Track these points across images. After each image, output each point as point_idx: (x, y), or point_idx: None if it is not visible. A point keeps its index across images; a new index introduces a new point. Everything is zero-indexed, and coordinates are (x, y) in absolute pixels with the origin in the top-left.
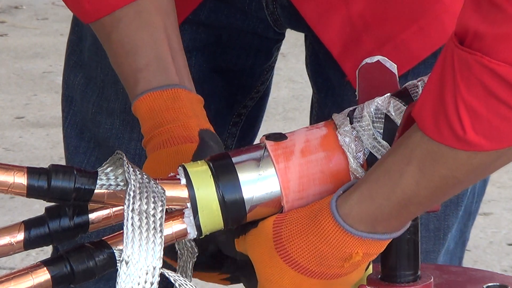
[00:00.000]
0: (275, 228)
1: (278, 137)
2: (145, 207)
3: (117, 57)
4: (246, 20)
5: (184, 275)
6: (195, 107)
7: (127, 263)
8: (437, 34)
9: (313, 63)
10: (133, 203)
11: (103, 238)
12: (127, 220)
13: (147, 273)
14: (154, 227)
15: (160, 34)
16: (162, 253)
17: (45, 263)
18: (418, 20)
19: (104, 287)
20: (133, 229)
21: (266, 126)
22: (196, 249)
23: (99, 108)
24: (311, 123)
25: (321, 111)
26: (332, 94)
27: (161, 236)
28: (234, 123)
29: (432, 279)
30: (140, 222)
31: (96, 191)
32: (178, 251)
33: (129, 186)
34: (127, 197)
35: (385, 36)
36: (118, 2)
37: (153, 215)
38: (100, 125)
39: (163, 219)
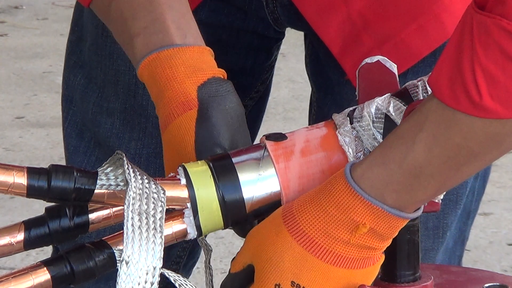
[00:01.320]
0: (287, 204)
1: (278, 137)
2: (145, 207)
3: (118, 26)
4: (246, 20)
5: (208, 275)
6: (195, 62)
7: (127, 263)
8: (436, 33)
9: (313, 62)
10: (133, 203)
11: (103, 238)
12: (127, 220)
13: (147, 273)
14: (154, 227)
15: None
16: (162, 253)
17: (45, 263)
18: (417, 18)
19: (104, 286)
20: (133, 229)
21: (266, 126)
22: (211, 247)
23: (99, 108)
24: (310, 123)
25: (320, 110)
26: (331, 93)
27: (161, 236)
28: None
29: (432, 279)
30: (140, 222)
31: (96, 191)
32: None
33: (129, 186)
34: (127, 198)
35: (385, 34)
36: None
37: (153, 215)
38: (100, 125)
39: (163, 219)
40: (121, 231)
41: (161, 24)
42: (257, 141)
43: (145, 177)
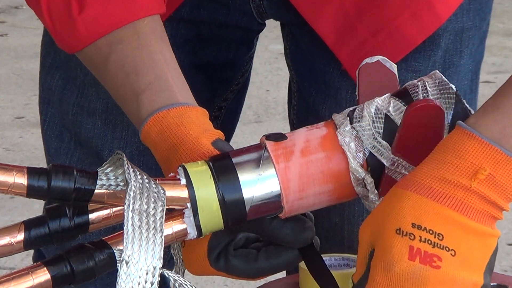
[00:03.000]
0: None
1: (278, 137)
2: (145, 207)
3: (117, 80)
4: (229, 15)
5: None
6: (201, 121)
7: (127, 263)
8: (429, 20)
9: (294, 52)
10: (133, 203)
11: (103, 238)
12: (127, 220)
13: (147, 273)
14: (154, 227)
15: (157, 55)
16: (162, 253)
17: (45, 263)
18: (410, 6)
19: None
20: (133, 229)
21: (266, 126)
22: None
23: (79, 109)
24: (290, 114)
25: (303, 101)
26: (316, 82)
27: (161, 236)
28: (214, 117)
29: None
30: (140, 222)
31: (96, 191)
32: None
33: (129, 186)
34: (127, 197)
35: (379, 23)
36: (117, 22)
37: (153, 215)
38: (81, 126)
39: (163, 219)
40: (121, 231)
41: (165, 82)
42: (254, 140)
43: (145, 177)
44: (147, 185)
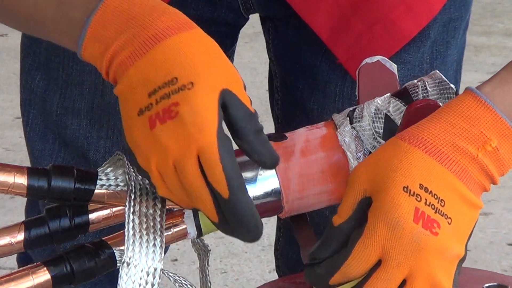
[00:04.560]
0: (399, 133)
1: (278, 137)
2: (145, 209)
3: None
4: (215, 11)
5: (203, 273)
6: None
7: (128, 264)
8: (424, 12)
9: (278, 46)
10: (134, 205)
11: (103, 238)
12: (128, 222)
13: (148, 275)
14: (154, 229)
15: None
16: (163, 255)
17: (45, 263)
18: None
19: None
20: (134, 231)
21: (266, 126)
22: (209, 248)
23: (64, 110)
24: (274, 109)
25: (289, 95)
26: (303, 76)
27: (161, 238)
28: None
29: None
30: (141, 224)
31: (96, 191)
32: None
33: (130, 188)
34: (128, 200)
35: (374, 17)
36: None
37: (154, 217)
38: (66, 127)
39: (164, 221)
40: (121, 231)
41: None
42: None
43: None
44: (147, 186)
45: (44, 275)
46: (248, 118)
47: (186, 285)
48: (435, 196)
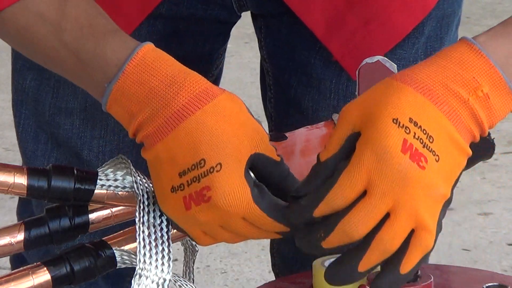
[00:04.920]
0: (394, 75)
1: (278, 137)
2: (153, 220)
3: (75, 32)
4: (208, 10)
5: (188, 270)
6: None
7: (140, 276)
8: (418, 8)
9: (271, 44)
10: (143, 216)
11: (103, 238)
12: (139, 234)
13: (157, 286)
14: (163, 240)
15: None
16: (171, 265)
17: (45, 263)
18: None
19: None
20: (144, 243)
21: (267, 126)
22: (197, 248)
23: (56, 110)
24: (266, 107)
25: (282, 93)
26: (296, 74)
27: (169, 249)
28: None
29: (432, 279)
30: (150, 235)
31: (96, 191)
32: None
33: (139, 198)
34: (138, 210)
35: (369, 13)
36: None
37: (161, 228)
38: (59, 126)
39: (170, 231)
40: (121, 231)
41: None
42: None
43: (151, 186)
44: (153, 198)
45: (44, 275)
46: (275, 168)
47: (187, 285)
48: (424, 132)
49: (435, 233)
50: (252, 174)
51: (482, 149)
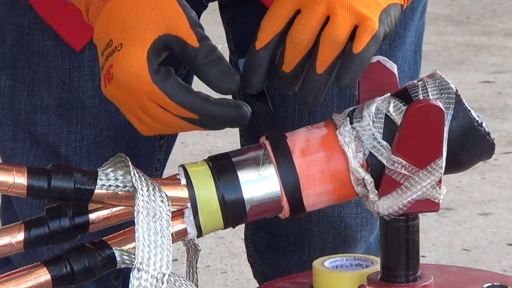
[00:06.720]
0: None
1: (278, 137)
2: (153, 214)
3: None
4: None
5: (191, 270)
6: None
7: (139, 270)
8: None
9: (238, 37)
10: (142, 211)
11: (103, 238)
12: (137, 229)
13: (157, 280)
14: (162, 234)
15: None
16: (171, 259)
17: (45, 263)
18: None
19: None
20: (143, 237)
21: None
22: (199, 247)
23: (32, 107)
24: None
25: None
26: None
27: (169, 242)
28: None
29: (432, 279)
30: (149, 229)
31: (96, 191)
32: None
33: (137, 194)
34: (136, 205)
35: None
36: None
37: (160, 222)
38: (36, 124)
39: (170, 226)
40: (121, 231)
41: None
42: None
43: (150, 182)
44: (152, 191)
45: (44, 275)
46: (190, 51)
47: (187, 285)
48: None
49: (377, 21)
50: (163, 57)
51: (482, 149)
